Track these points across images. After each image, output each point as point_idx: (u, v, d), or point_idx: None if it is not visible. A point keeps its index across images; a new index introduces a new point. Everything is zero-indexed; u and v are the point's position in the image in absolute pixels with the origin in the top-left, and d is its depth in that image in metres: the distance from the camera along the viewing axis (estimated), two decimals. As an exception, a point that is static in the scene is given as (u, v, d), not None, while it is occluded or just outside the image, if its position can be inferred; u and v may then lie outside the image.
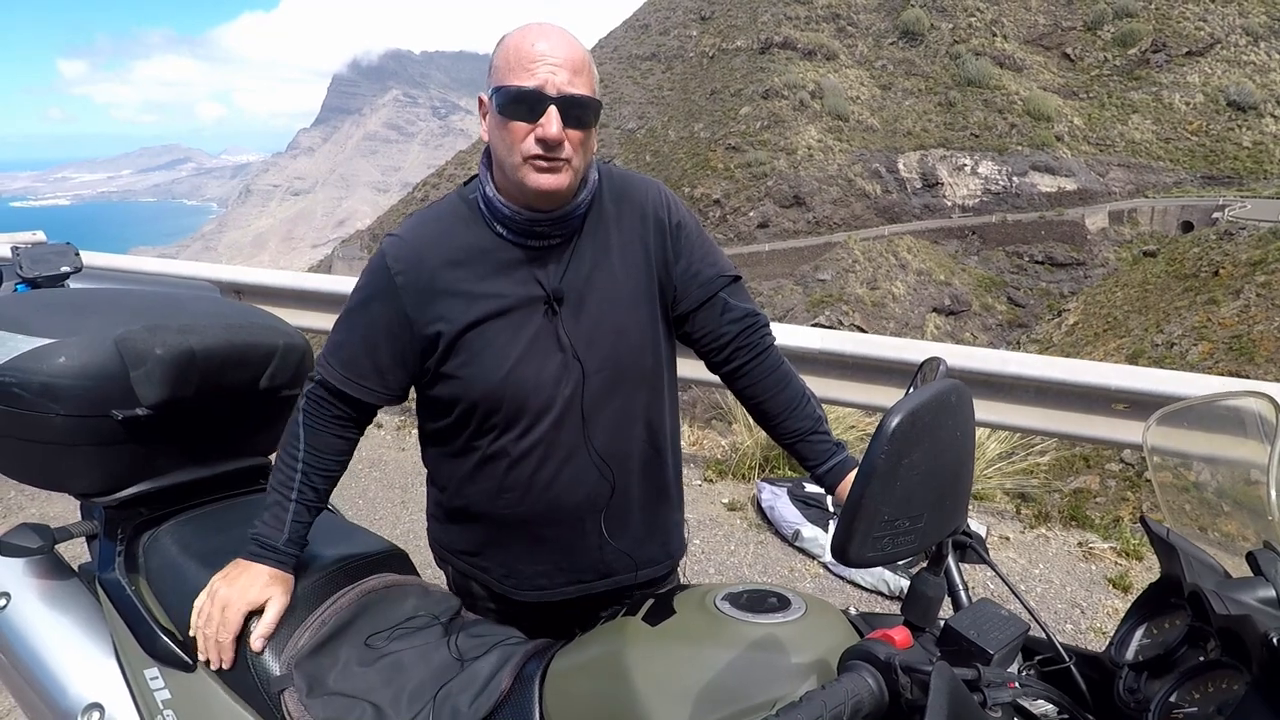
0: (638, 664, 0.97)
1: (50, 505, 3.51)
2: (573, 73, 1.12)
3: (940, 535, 0.82)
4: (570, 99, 1.12)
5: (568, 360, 1.22)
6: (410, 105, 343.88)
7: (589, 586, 1.37)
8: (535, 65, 1.11)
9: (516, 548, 1.34)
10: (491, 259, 1.21)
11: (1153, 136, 41.62)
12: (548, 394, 1.22)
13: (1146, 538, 0.95)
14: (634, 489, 1.33)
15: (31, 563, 1.40)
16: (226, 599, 1.17)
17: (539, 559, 1.34)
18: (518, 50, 1.12)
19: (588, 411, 1.24)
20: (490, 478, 1.28)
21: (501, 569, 1.37)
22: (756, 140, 43.94)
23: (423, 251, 1.21)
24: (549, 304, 1.21)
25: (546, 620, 1.36)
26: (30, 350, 1.29)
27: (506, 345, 1.20)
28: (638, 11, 67.19)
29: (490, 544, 1.36)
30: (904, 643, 0.73)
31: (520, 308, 1.21)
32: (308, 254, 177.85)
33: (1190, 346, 20.82)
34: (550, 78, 1.11)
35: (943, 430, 0.77)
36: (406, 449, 4.39)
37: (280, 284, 5.02)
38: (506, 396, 1.21)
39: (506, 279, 1.21)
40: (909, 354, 3.63)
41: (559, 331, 1.22)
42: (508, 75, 1.12)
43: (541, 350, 1.21)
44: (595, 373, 1.24)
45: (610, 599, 1.37)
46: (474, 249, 1.21)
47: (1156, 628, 0.91)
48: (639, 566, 1.38)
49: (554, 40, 1.13)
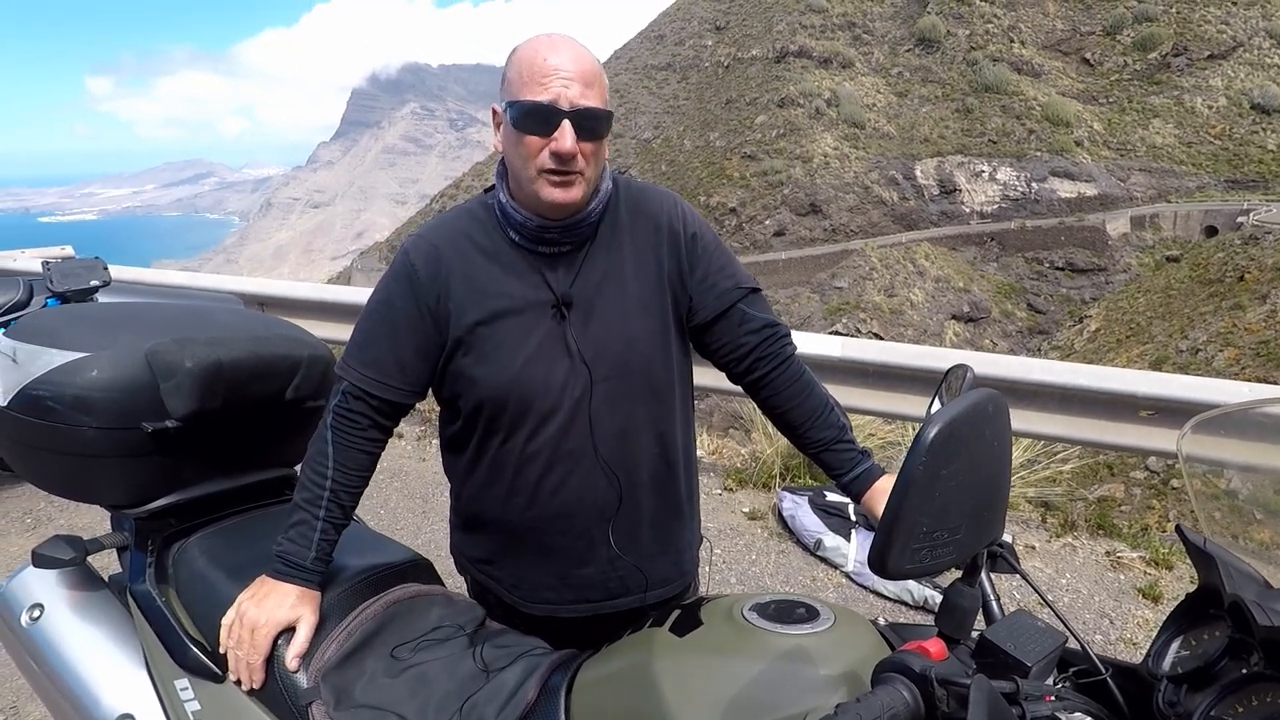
0: (666, 676, 0.97)
1: (79, 516, 3.56)
2: (585, 85, 1.14)
3: (978, 547, 0.81)
4: (583, 112, 1.14)
5: (575, 365, 1.24)
6: (428, 118, 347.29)
7: (597, 606, 1.37)
8: (548, 79, 1.13)
9: (526, 557, 1.35)
10: (504, 262, 1.24)
11: (1175, 141, 41.09)
12: (555, 397, 1.24)
13: (1182, 547, 0.92)
14: (644, 501, 1.33)
15: (64, 574, 1.42)
16: (255, 621, 1.18)
17: (548, 569, 1.35)
18: (530, 64, 1.14)
19: (595, 417, 1.25)
20: (500, 481, 1.29)
21: (512, 579, 1.38)
22: (772, 149, 43.87)
23: (441, 248, 1.24)
24: (558, 308, 1.23)
25: (558, 638, 1.35)
26: (63, 364, 1.31)
27: (516, 346, 1.22)
28: (653, 22, 67.46)
29: (502, 552, 1.37)
30: (939, 655, 0.72)
31: (530, 310, 1.23)
32: (327, 266, 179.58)
33: (1216, 353, 20.48)
34: (563, 91, 1.13)
35: (981, 440, 0.76)
36: (427, 459, 4.41)
37: (302, 295, 5.08)
38: (514, 396, 1.23)
39: (518, 282, 1.23)
40: (931, 361, 3.60)
41: (567, 336, 1.23)
42: (521, 89, 1.14)
43: (549, 353, 1.23)
44: (603, 379, 1.25)
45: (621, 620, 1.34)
46: (489, 251, 1.24)
47: (1195, 639, 0.89)
48: (649, 585, 1.37)
49: (565, 53, 1.15)
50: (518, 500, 1.29)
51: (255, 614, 1.18)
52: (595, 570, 1.34)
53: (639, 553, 1.34)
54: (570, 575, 1.35)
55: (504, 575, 1.39)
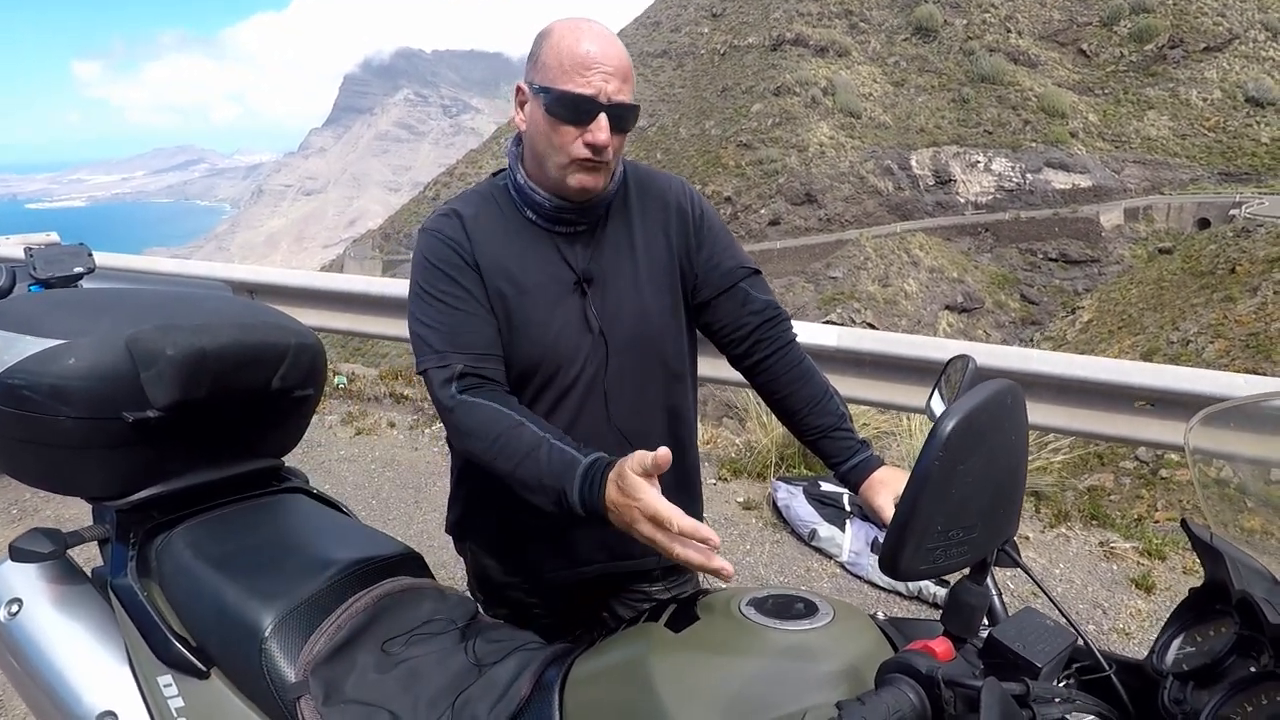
0: (661, 671, 0.95)
1: (65, 508, 3.52)
2: (622, 80, 1.17)
3: (992, 545, 0.78)
4: (621, 107, 1.16)
5: (594, 339, 1.26)
6: (421, 104, 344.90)
7: (603, 567, 1.38)
8: (590, 72, 1.14)
9: (535, 524, 1.32)
10: (524, 239, 1.25)
11: (1169, 133, 41.13)
12: (576, 370, 1.25)
13: (1178, 537, 0.90)
14: None
15: (43, 568, 1.38)
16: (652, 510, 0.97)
17: (556, 537, 1.35)
18: (571, 52, 1.14)
19: (610, 389, 1.27)
20: None
21: (518, 548, 1.39)
22: (768, 137, 43.75)
23: (465, 218, 1.25)
24: (579, 284, 1.25)
25: (563, 605, 1.37)
26: (39, 352, 1.26)
27: (545, 320, 1.23)
28: (649, 9, 67.10)
29: (510, 522, 1.37)
30: (946, 655, 0.70)
31: (553, 285, 1.24)
32: (319, 254, 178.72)
33: (1206, 344, 20.55)
34: (604, 86, 1.14)
35: (998, 434, 0.73)
36: (420, 449, 4.37)
37: (293, 283, 5.02)
38: (543, 368, 1.25)
39: (539, 258, 1.25)
40: (927, 352, 3.58)
41: (587, 311, 1.25)
42: (560, 77, 1.14)
43: (574, 328, 1.25)
44: (619, 352, 1.27)
45: (626, 580, 1.39)
46: (508, 228, 1.25)
47: (1201, 635, 0.87)
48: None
49: (604, 44, 1.16)
50: None
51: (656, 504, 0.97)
52: (604, 534, 1.31)
53: None
54: (578, 540, 1.36)
55: (510, 545, 1.39)
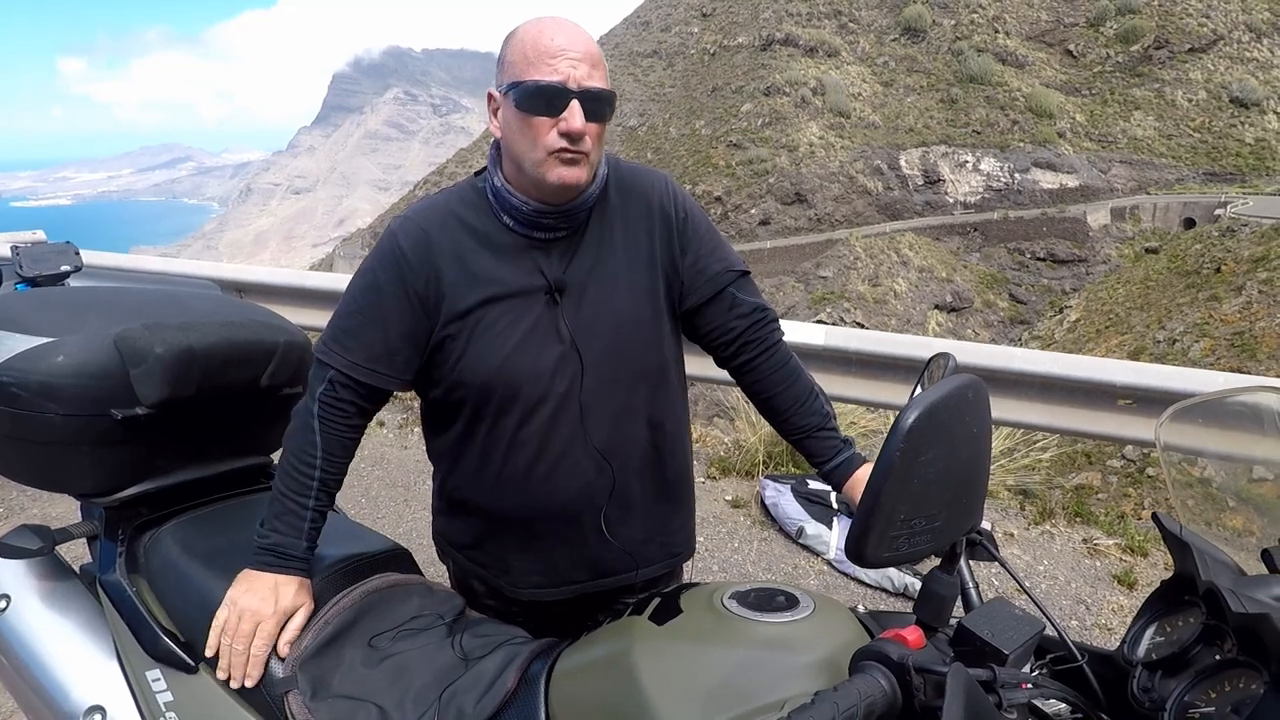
0: (645, 663, 0.96)
1: (53, 506, 3.50)
2: (591, 66, 1.13)
3: (957, 534, 0.81)
4: (591, 93, 1.13)
5: (566, 352, 1.22)
6: (411, 103, 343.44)
7: (584, 587, 1.36)
8: (556, 60, 1.11)
9: (514, 542, 1.33)
10: (497, 246, 1.21)
11: (1155, 133, 41.45)
12: (544, 384, 1.22)
13: (1159, 534, 0.93)
14: (635, 486, 1.32)
15: (32, 564, 1.39)
16: (260, 613, 1.14)
17: (537, 554, 1.33)
18: (535, 45, 1.12)
19: (585, 404, 1.24)
20: (488, 468, 1.27)
21: (499, 564, 1.36)
22: (758, 137, 43.82)
23: (430, 231, 1.21)
24: (550, 294, 1.21)
25: (544, 620, 1.35)
26: (28, 349, 1.27)
27: (505, 332, 1.20)
28: (638, 8, 67.02)
29: (489, 538, 1.35)
30: (917, 643, 0.72)
31: (521, 295, 1.21)
32: (308, 253, 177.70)
33: (1192, 343, 20.73)
34: (572, 72, 1.11)
35: (960, 427, 0.76)
36: (409, 447, 4.38)
37: (282, 282, 5.02)
38: (501, 383, 1.21)
39: (510, 267, 1.21)
40: (914, 350, 3.61)
41: (559, 322, 1.22)
42: (527, 70, 1.12)
43: (540, 340, 1.21)
44: (594, 365, 1.23)
45: (608, 598, 1.35)
46: (480, 235, 1.21)
47: (1170, 626, 0.90)
48: (638, 566, 1.36)
49: (571, 34, 1.13)
50: (506, 488, 1.28)
51: (259, 605, 1.14)
52: (584, 553, 1.33)
53: (630, 537, 1.33)
54: (559, 559, 1.34)
55: (489, 560, 1.37)
